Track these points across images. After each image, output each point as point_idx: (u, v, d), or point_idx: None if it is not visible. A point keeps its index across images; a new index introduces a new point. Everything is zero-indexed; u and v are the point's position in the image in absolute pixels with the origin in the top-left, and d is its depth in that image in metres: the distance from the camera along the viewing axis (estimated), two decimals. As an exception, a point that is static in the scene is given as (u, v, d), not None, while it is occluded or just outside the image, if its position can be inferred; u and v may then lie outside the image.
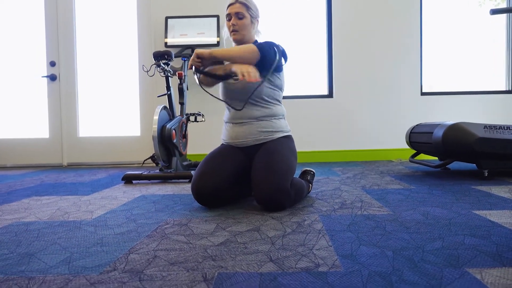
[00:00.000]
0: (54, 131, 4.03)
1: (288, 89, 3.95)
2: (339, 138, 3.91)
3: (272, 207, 1.62)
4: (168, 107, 2.91)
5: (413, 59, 3.88)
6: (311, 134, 3.90)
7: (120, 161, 4.00)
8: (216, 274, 0.96)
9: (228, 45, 3.69)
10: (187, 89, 3.30)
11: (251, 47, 1.70)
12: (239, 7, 1.84)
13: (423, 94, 3.93)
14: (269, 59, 1.72)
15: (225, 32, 1.92)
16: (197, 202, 1.90)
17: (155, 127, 2.62)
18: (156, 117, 2.65)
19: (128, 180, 2.69)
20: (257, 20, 1.90)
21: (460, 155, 2.37)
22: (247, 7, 1.85)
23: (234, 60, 1.68)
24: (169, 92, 2.92)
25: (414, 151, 3.82)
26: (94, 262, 1.07)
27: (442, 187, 2.16)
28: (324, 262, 1.03)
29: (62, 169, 3.74)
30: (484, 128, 2.31)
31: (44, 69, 4.02)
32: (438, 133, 2.41)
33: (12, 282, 0.93)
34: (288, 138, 1.88)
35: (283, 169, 1.63)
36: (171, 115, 2.93)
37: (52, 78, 3.98)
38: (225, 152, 1.84)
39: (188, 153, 3.87)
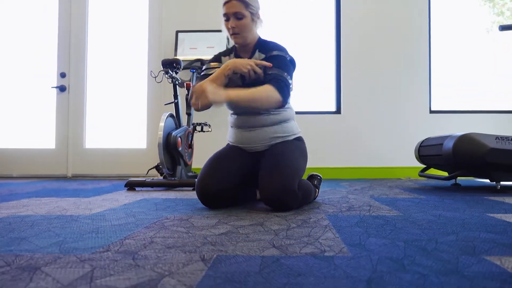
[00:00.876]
0: (61, 141, 4.03)
1: (297, 105, 3.94)
2: (346, 155, 3.85)
3: (278, 207, 1.56)
4: (174, 116, 2.90)
5: (421, 77, 3.86)
6: (318, 150, 3.85)
7: (125, 174, 3.97)
8: (214, 256, 0.90)
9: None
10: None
11: (273, 94, 1.55)
12: (237, 5, 1.64)
13: (432, 112, 3.89)
14: (288, 93, 1.62)
15: (225, 30, 1.74)
16: (201, 204, 1.84)
17: (160, 133, 2.60)
18: (162, 124, 2.63)
19: (131, 186, 2.65)
20: (259, 15, 1.72)
21: (471, 166, 2.30)
22: (246, 4, 1.65)
23: (255, 107, 1.56)
24: (176, 101, 2.92)
25: (424, 166, 3.73)
26: (87, 245, 1.02)
27: (454, 197, 2.08)
28: (330, 248, 0.96)
29: (66, 180, 3.71)
30: (496, 139, 2.25)
31: (54, 80, 4.07)
32: (449, 144, 2.35)
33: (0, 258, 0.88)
34: (299, 140, 1.82)
35: (290, 170, 1.57)
36: (178, 124, 2.91)
37: (62, 89, 4.02)
38: (231, 153, 1.79)
39: (193, 166, 3.83)
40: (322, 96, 3.98)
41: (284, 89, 1.59)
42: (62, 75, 4.02)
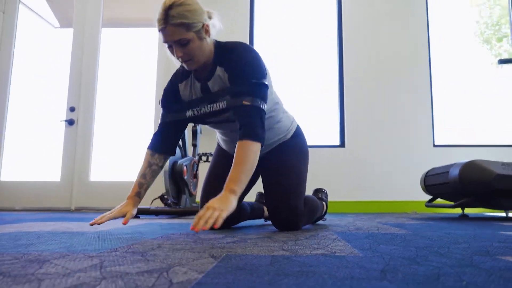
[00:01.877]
0: (66, 174, 4.04)
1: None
2: (351, 189, 3.83)
3: (285, 226, 1.54)
4: (181, 145, 2.93)
5: (424, 112, 3.92)
6: (322, 184, 3.84)
7: (128, 206, 3.94)
8: (224, 254, 0.89)
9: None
10: (201, 133, 3.34)
11: (254, 148, 1.29)
12: (175, 31, 1.29)
13: (435, 146, 3.91)
14: (263, 127, 1.34)
15: (172, 57, 1.40)
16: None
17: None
18: (168, 152, 2.65)
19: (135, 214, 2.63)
20: (206, 25, 1.35)
21: (479, 193, 2.28)
22: (187, 26, 1.29)
23: (253, 168, 1.31)
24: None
25: (430, 197, 3.69)
26: (95, 247, 1.01)
27: (463, 222, 2.05)
28: (341, 251, 0.95)
29: (70, 212, 3.68)
30: (502, 165, 2.25)
31: (63, 114, 4.16)
32: (455, 171, 2.35)
33: (7, 256, 0.88)
34: (296, 137, 1.68)
35: (294, 186, 1.55)
36: (184, 154, 2.94)
37: (70, 122, 4.09)
38: (226, 163, 1.68)
39: (198, 199, 3.81)
40: (326, 129, 4.03)
41: (258, 130, 1.31)
42: (72, 109, 4.12)
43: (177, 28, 1.28)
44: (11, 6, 4.28)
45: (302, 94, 4.08)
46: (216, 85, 1.44)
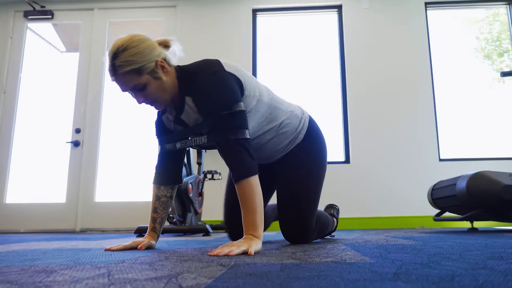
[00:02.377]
0: (71, 195, 4.04)
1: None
2: (357, 205, 3.79)
3: (295, 240, 1.53)
4: (186, 163, 2.93)
5: (428, 126, 3.92)
6: (328, 201, 3.80)
7: (135, 227, 3.91)
8: (233, 263, 0.88)
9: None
10: (205, 151, 3.35)
11: (254, 187, 1.20)
12: (127, 79, 1.21)
13: (441, 160, 3.89)
14: (247, 159, 1.23)
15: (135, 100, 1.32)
16: (213, 239, 1.80)
17: (171, 179, 2.61)
18: (173, 169, 2.65)
19: (140, 233, 2.61)
20: (161, 63, 1.25)
21: (487, 205, 2.25)
22: (137, 71, 1.20)
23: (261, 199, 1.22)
24: (188, 149, 2.97)
25: (438, 211, 3.64)
26: (102, 260, 1.00)
27: (473, 234, 2.01)
28: (351, 259, 0.93)
29: (75, 233, 3.66)
30: (510, 176, 2.23)
31: (69, 136, 4.19)
32: (462, 183, 2.33)
33: (14, 268, 0.87)
34: (311, 138, 1.58)
35: (307, 203, 1.50)
36: (189, 172, 2.93)
37: (76, 144, 4.12)
38: None
39: (204, 218, 3.78)
40: (331, 146, 4.02)
41: (246, 165, 1.21)
42: (77, 130, 4.15)
43: (128, 76, 1.20)
44: (19, 31, 4.38)
45: (306, 110, 4.10)
46: (190, 117, 1.34)
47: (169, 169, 1.43)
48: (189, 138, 1.39)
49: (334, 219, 1.89)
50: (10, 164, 4.14)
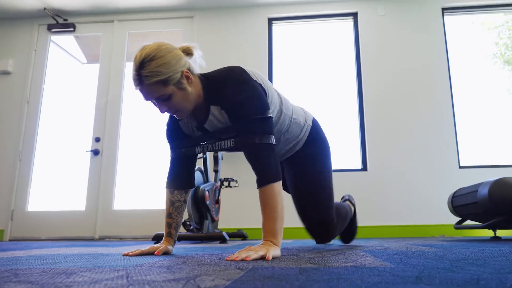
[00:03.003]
0: (91, 203, 4.10)
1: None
2: (375, 213, 3.73)
3: (318, 237, 1.57)
4: (203, 170, 2.95)
5: (447, 133, 3.84)
6: (346, 208, 3.75)
7: (152, 234, 3.94)
8: (250, 266, 0.87)
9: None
10: (222, 159, 3.36)
11: (277, 194, 1.21)
12: (152, 90, 1.20)
13: (461, 167, 3.80)
14: (275, 164, 1.24)
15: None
16: (230, 246, 1.80)
17: (188, 186, 2.63)
18: (190, 177, 2.67)
19: (158, 240, 2.62)
20: (187, 73, 1.24)
21: (510, 212, 2.18)
22: (164, 82, 1.19)
23: (282, 207, 1.22)
24: (204, 156, 2.99)
25: (459, 219, 3.54)
26: (120, 264, 1.01)
27: (496, 243, 1.95)
28: (371, 264, 0.92)
29: (94, 241, 3.71)
30: (534, 182, 2.16)
31: (89, 145, 4.27)
32: (484, 190, 2.27)
33: (35, 270, 0.89)
34: (315, 142, 1.59)
35: (323, 201, 1.53)
36: (205, 179, 2.95)
37: (96, 152, 4.19)
38: None
39: (220, 226, 3.78)
40: (348, 153, 3.98)
41: (272, 171, 1.22)
42: (97, 139, 4.23)
43: (154, 86, 1.19)
44: (42, 44, 4.52)
45: (322, 117, 4.08)
46: (213, 125, 1.33)
47: (182, 174, 1.43)
48: (213, 142, 1.37)
49: (351, 205, 1.89)
50: (32, 173, 4.24)
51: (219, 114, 1.31)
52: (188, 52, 1.31)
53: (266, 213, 1.20)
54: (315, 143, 1.60)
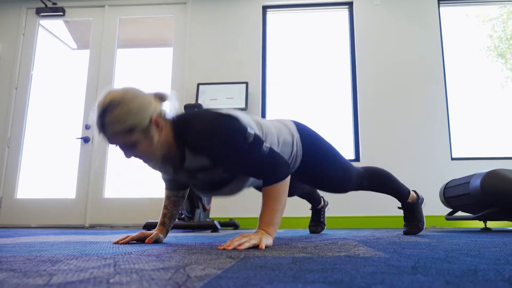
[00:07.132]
0: (81, 191, 4.05)
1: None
2: (366, 203, 3.74)
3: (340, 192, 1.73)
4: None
5: (440, 125, 3.85)
6: (337, 199, 3.76)
7: (143, 223, 3.91)
8: (242, 255, 0.85)
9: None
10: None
11: (282, 190, 1.20)
12: (116, 138, 1.12)
13: (453, 159, 3.81)
14: (286, 167, 1.24)
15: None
16: (221, 235, 1.78)
17: (180, 174, 2.60)
18: (182, 165, 2.64)
19: (149, 228, 2.60)
20: (157, 120, 1.14)
21: (502, 204, 2.19)
22: (129, 130, 1.10)
23: (284, 205, 1.22)
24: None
25: (450, 210, 3.57)
26: (109, 252, 0.98)
27: (487, 234, 1.96)
28: (364, 254, 0.90)
29: (84, 229, 3.67)
30: (526, 174, 2.16)
31: (79, 131, 4.21)
32: (476, 181, 2.27)
33: (20, 258, 0.86)
34: (307, 152, 1.53)
35: (341, 178, 1.64)
36: (197, 168, 2.92)
37: (86, 140, 4.13)
38: None
39: (212, 215, 3.76)
40: (340, 144, 3.98)
41: (278, 172, 1.21)
42: (87, 126, 4.16)
43: (118, 134, 1.10)
44: (31, 28, 4.41)
45: (315, 107, 4.06)
46: (194, 164, 1.24)
47: (176, 181, 1.43)
48: (197, 177, 1.28)
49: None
50: (21, 160, 4.17)
51: (195, 157, 1.21)
52: (161, 97, 1.21)
53: (268, 205, 1.19)
54: (309, 150, 1.54)
